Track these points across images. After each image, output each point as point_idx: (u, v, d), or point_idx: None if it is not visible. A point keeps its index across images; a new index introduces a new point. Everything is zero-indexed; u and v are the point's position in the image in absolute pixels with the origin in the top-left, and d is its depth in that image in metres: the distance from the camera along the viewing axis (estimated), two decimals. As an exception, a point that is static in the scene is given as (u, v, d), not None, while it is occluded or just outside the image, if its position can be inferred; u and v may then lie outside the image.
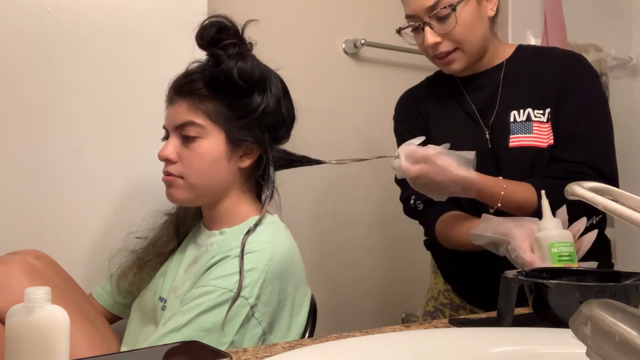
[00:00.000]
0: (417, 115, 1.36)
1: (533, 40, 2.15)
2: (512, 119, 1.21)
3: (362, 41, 1.84)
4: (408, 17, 1.20)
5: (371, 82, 1.93)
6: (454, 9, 1.14)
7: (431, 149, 1.03)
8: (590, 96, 1.19)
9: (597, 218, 1.18)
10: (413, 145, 1.05)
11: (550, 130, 1.18)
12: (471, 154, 1.06)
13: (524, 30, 2.19)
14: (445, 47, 1.18)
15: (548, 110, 1.19)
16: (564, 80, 1.19)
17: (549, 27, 2.17)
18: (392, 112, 1.40)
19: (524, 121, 1.20)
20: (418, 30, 1.20)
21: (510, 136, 1.20)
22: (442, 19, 1.15)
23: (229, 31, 1.04)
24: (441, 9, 1.14)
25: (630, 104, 2.52)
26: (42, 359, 0.56)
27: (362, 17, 1.91)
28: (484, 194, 1.09)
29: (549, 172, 1.16)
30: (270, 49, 1.08)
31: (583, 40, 2.31)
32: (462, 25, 1.15)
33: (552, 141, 1.17)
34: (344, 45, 1.87)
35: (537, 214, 1.02)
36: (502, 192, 1.09)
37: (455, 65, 1.20)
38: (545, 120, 1.18)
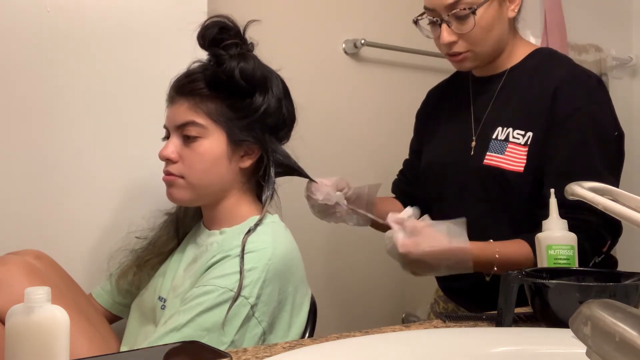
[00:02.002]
0: (424, 122, 1.37)
1: (533, 40, 2.14)
2: (494, 136, 1.16)
3: (362, 41, 1.84)
4: (427, 9, 1.17)
5: (371, 82, 1.93)
6: (473, 12, 1.11)
7: (421, 223, 1.03)
8: (588, 130, 1.10)
9: (599, 258, 1.12)
10: (402, 217, 1.06)
11: (526, 155, 1.11)
12: (462, 222, 1.02)
13: (524, 30, 2.16)
14: (460, 47, 1.15)
15: (530, 134, 1.12)
16: (558, 109, 1.11)
17: (549, 27, 2.17)
18: (392, 112, 1.41)
19: (502, 140, 1.15)
20: (435, 24, 1.17)
21: (487, 153, 1.16)
22: (460, 19, 1.12)
23: (231, 31, 1.04)
24: (461, 9, 1.11)
25: (630, 104, 2.52)
26: (42, 359, 0.56)
27: (362, 17, 1.91)
28: (479, 263, 1.05)
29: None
30: (270, 49, 1.08)
31: (583, 40, 2.31)
32: (480, 27, 1.12)
33: (521, 168, 1.11)
34: (344, 45, 1.87)
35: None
36: (497, 255, 1.06)
37: (466, 63, 1.19)
38: (522, 143, 1.12)
